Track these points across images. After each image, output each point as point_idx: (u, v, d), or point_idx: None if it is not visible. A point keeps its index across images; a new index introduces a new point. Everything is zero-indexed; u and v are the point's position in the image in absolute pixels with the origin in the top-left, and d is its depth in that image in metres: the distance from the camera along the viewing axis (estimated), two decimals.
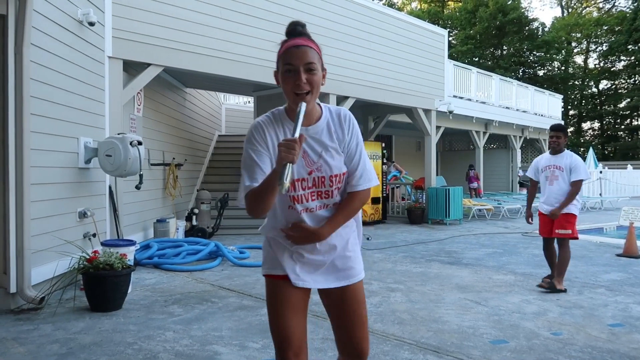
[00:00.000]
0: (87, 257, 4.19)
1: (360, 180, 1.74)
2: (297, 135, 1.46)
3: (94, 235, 5.25)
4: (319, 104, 1.74)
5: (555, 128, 4.99)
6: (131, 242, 4.76)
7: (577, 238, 4.98)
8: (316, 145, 1.69)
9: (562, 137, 4.94)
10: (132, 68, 6.44)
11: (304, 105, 1.53)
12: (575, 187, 4.84)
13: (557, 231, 4.87)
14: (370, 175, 1.76)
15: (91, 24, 5.22)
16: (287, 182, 1.41)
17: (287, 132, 1.67)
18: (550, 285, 4.82)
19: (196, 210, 8.32)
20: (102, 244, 4.66)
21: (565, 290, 4.81)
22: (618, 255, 6.89)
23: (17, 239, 4.00)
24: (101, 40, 5.69)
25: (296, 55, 1.59)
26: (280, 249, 1.78)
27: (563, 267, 4.86)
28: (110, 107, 5.85)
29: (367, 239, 8.37)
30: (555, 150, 4.97)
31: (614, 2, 37.95)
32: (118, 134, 5.35)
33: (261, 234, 1.88)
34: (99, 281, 4.05)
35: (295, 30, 1.65)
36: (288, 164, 1.42)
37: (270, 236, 1.81)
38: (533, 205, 5.49)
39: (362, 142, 1.78)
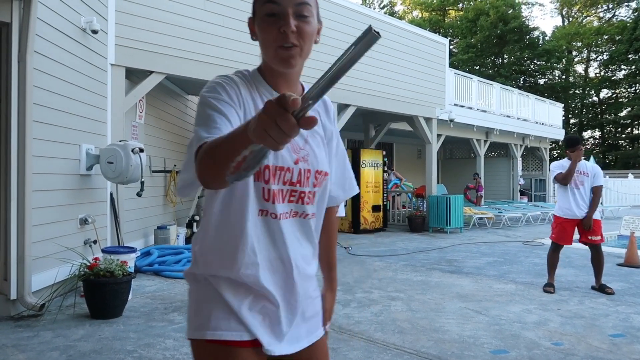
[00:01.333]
0: (88, 263, 4.19)
1: (350, 189, 1.40)
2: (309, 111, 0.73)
3: (95, 242, 5.25)
4: (300, 84, 1.26)
5: (580, 141, 5.32)
6: (132, 250, 4.77)
7: (603, 241, 5.35)
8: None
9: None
10: (134, 75, 6.47)
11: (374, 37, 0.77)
12: (599, 193, 5.25)
13: (591, 238, 5.20)
14: (353, 181, 1.42)
15: (94, 31, 5.25)
16: (248, 176, 0.80)
17: (261, 96, 1.17)
18: (601, 287, 5.23)
19: (197, 217, 8.33)
20: (103, 250, 4.67)
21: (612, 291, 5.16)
22: (619, 264, 6.88)
23: (19, 245, 4.01)
24: (104, 48, 5.73)
25: None
26: (238, 293, 1.14)
27: (602, 269, 5.28)
28: (112, 114, 5.87)
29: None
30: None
31: (615, 12, 38.08)
32: (120, 141, 5.37)
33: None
34: (99, 288, 4.05)
35: None
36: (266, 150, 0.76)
37: (213, 275, 1.15)
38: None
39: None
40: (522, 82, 36.54)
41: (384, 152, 11.84)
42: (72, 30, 4.95)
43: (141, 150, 5.15)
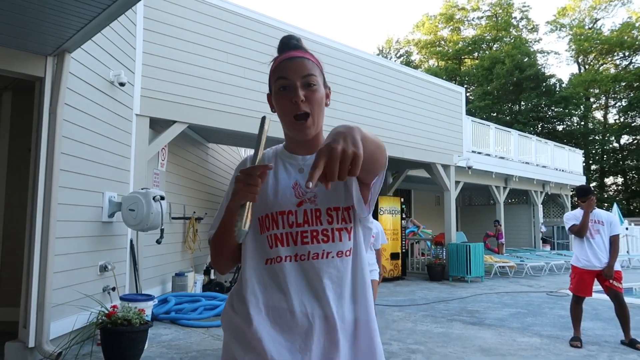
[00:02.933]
0: (106, 311, 4.20)
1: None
2: (257, 161, 1.15)
3: (114, 289, 5.27)
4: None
5: (591, 191, 5.27)
6: (149, 297, 4.77)
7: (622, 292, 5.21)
8: None
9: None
10: (157, 125, 6.68)
11: (267, 120, 1.17)
12: (617, 242, 5.13)
13: (612, 282, 5.08)
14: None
15: (122, 84, 5.48)
16: (245, 228, 1.08)
17: (287, 172, 1.30)
18: (631, 342, 5.06)
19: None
20: (121, 298, 4.68)
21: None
22: None
23: (39, 293, 4.05)
24: (130, 99, 5.95)
25: (291, 67, 1.26)
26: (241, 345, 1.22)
27: (628, 322, 5.14)
28: (136, 163, 6.02)
29: None
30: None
31: (631, 59, 38.26)
32: (142, 188, 5.48)
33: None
34: (117, 337, 4.03)
35: (290, 43, 1.33)
36: (247, 202, 1.09)
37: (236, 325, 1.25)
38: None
39: None
40: (540, 129, 36.48)
41: (402, 199, 11.81)
42: (100, 83, 5.17)
43: (162, 198, 5.24)
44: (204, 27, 6.91)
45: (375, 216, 10.50)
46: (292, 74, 1.25)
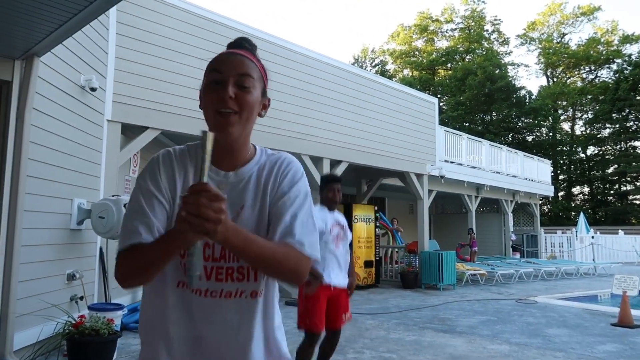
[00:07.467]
0: (73, 321, 4.09)
1: (299, 234, 1.12)
2: (205, 179, 0.92)
3: (82, 298, 5.14)
4: (254, 145, 1.23)
5: (337, 179, 4.15)
6: (119, 307, 4.67)
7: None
8: (235, 197, 1.14)
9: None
10: (129, 131, 6.57)
11: (210, 135, 0.96)
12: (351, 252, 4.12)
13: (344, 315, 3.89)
14: (312, 241, 1.15)
15: (93, 89, 5.38)
16: (198, 273, 0.96)
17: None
18: None
19: None
20: (90, 307, 4.57)
21: None
22: (613, 324, 6.81)
23: (3, 302, 3.92)
24: (101, 105, 5.85)
25: (227, 62, 1.15)
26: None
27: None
28: (106, 169, 5.91)
29: None
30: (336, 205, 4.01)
31: (597, 73, 39.62)
32: (112, 195, 5.38)
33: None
34: (84, 347, 3.93)
35: (241, 44, 1.21)
36: (199, 241, 0.93)
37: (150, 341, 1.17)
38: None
39: (309, 201, 1.20)
40: (510, 139, 37.35)
41: (376, 207, 11.90)
42: (71, 87, 5.07)
43: None
44: (178, 32, 6.86)
45: (350, 224, 10.53)
46: (226, 69, 1.13)
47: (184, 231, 0.90)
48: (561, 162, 38.63)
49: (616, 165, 36.13)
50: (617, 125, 35.91)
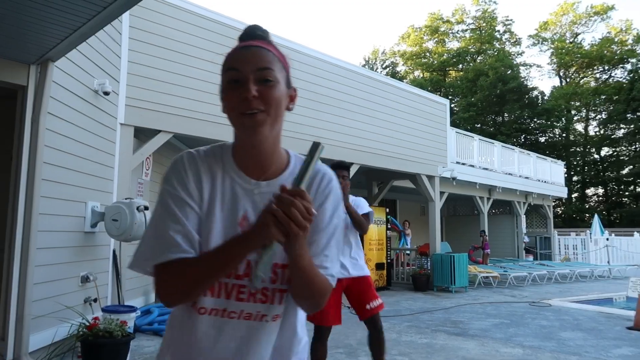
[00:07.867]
0: (87, 323, 4.14)
1: (331, 267, 1.06)
2: (303, 186, 0.92)
3: (95, 300, 5.20)
4: (286, 151, 1.13)
5: (342, 165, 3.96)
6: (132, 309, 4.71)
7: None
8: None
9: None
10: (142, 134, 6.63)
11: (322, 147, 0.95)
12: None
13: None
14: (334, 266, 1.08)
15: (106, 93, 5.44)
16: (263, 273, 0.93)
17: (233, 194, 1.07)
18: None
19: None
20: (103, 309, 4.61)
21: None
22: (629, 328, 6.71)
23: (19, 304, 3.97)
24: (114, 108, 5.91)
25: (244, 57, 1.04)
26: None
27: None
28: (119, 172, 5.97)
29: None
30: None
31: (610, 73, 39.12)
32: (125, 198, 5.43)
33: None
34: (97, 349, 3.97)
35: (252, 32, 1.09)
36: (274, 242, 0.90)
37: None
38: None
39: (341, 220, 1.12)
40: (522, 140, 37.04)
41: (387, 209, 11.86)
42: (84, 91, 5.13)
43: (146, 208, 5.20)
44: (190, 36, 6.92)
45: None
46: (244, 66, 1.02)
47: (267, 224, 0.87)
48: (575, 163, 38.20)
49: (631, 166, 35.64)
50: (632, 126, 35.42)
